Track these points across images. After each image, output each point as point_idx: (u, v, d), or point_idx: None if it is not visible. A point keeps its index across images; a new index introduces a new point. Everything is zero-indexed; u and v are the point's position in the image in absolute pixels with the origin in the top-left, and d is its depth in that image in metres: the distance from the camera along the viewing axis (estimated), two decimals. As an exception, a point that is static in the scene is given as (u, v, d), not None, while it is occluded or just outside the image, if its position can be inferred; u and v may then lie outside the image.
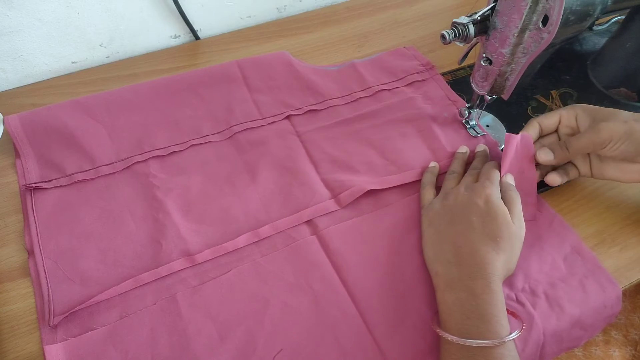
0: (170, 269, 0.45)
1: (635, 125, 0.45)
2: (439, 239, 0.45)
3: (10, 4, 0.58)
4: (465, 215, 0.44)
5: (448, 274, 0.42)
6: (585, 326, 0.44)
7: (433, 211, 0.47)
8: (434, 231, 0.46)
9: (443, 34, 0.47)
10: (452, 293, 0.41)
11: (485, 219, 0.43)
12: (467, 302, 0.39)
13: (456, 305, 0.40)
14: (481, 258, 0.41)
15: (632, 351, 0.95)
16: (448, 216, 0.45)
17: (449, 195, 0.47)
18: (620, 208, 0.52)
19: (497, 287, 0.40)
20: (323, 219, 0.50)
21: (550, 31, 0.42)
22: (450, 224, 0.45)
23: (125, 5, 0.65)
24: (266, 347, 0.41)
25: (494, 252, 0.41)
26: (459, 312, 0.39)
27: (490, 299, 0.39)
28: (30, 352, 0.42)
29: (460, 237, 0.43)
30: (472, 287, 0.40)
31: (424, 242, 0.47)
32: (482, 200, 0.44)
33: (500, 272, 0.41)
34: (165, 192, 0.51)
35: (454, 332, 0.39)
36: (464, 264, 0.41)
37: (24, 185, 0.51)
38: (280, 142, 0.57)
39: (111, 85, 0.64)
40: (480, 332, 0.38)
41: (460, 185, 0.48)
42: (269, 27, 0.74)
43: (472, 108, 0.57)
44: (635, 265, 0.48)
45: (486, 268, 0.40)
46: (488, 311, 0.38)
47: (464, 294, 0.40)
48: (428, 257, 0.45)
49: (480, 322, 0.38)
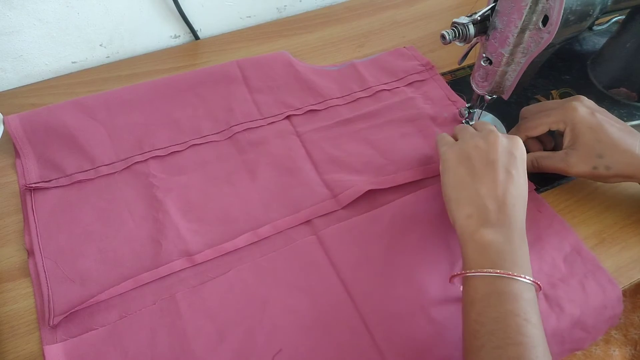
0: (170, 269, 0.45)
1: (606, 166, 0.47)
2: (474, 181, 0.43)
3: (10, 4, 0.58)
4: (505, 166, 0.43)
5: (485, 215, 0.41)
6: (586, 327, 0.44)
7: (464, 150, 0.45)
8: (466, 172, 0.43)
9: (443, 34, 0.47)
10: (488, 232, 0.40)
11: (520, 173, 0.43)
12: (504, 246, 0.39)
13: (493, 246, 0.39)
14: (518, 212, 0.41)
15: (632, 350, 0.95)
16: (485, 158, 0.43)
17: (480, 137, 0.45)
18: (620, 208, 0.52)
19: (527, 242, 0.41)
20: (323, 219, 0.50)
21: (550, 31, 0.42)
22: (489, 168, 0.43)
23: (125, 5, 0.65)
24: (265, 347, 0.41)
25: (525, 208, 0.42)
26: (495, 254, 0.39)
27: (525, 250, 0.40)
28: (30, 352, 0.42)
29: (500, 185, 0.42)
30: (509, 235, 0.40)
31: (450, 180, 0.44)
32: (519, 153, 0.44)
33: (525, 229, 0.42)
34: (165, 192, 0.51)
35: (485, 287, 0.38)
36: (503, 212, 0.41)
37: (24, 185, 0.51)
38: (280, 142, 0.57)
39: (111, 85, 0.64)
40: (512, 290, 0.37)
41: (490, 128, 0.46)
42: (269, 27, 0.74)
43: (472, 108, 0.58)
44: (635, 265, 0.48)
45: (520, 221, 0.41)
46: (521, 260, 0.39)
47: (502, 238, 0.40)
48: (457, 198, 0.43)
49: (514, 267, 0.38)
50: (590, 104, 0.49)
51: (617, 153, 0.46)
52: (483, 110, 0.59)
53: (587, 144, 0.47)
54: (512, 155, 0.44)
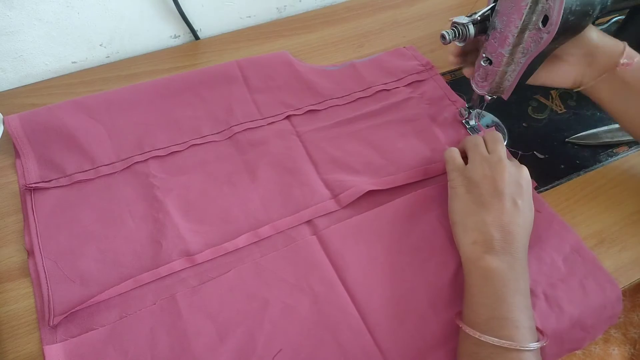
0: (170, 269, 0.45)
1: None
2: (481, 209, 0.44)
3: (10, 4, 0.58)
4: (512, 196, 0.44)
5: (489, 243, 0.42)
6: (586, 327, 0.44)
7: (473, 179, 0.46)
8: (474, 200, 0.45)
9: (443, 34, 0.47)
10: (493, 260, 0.41)
11: (525, 203, 0.44)
12: (507, 273, 0.40)
13: (497, 274, 0.40)
14: (522, 241, 0.43)
15: (632, 350, 0.95)
16: (493, 188, 0.44)
17: (493, 166, 0.46)
18: (620, 208, 0.52)
19: (528, 270, 0.43)
20: (323, 219, 0.50)
21: (550, 31, 0.42)
22: (497, 198, 0.44)
23: (125, 5, 0.65)
24: (266, 347, 0.41)
25: (527, 238, 0.44)
26: (498, 281, 0.40)
27: (527, 278, 0.42)
28: (30, 352, 0.42)
29: (505, 215, 0.43)
30: (512, 263, 0.41)
31: (458, 207, 0.46)
32: (525, 182, 0.46)
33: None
34: (165, 192, 0.51)
35: (487, 312, 0.39)
36: (506, 241, 0.42)
37: (24, 186, 0.51)
38: (280, 142, 0.57)
39: (111, 85, 0.64)
40: (514, 317, 0.38)
41: (501, 156, 0.47)
42: (269, 27, 0.74)
43: (472, 108, 0.58)
44: (635, 265, 0.48)
45: (523, 250, 0.43)
46: (523, 287, 0.40)
47: (505, 265, 0.41)
48: (464, 224, 0.45)
49: (516, 294, 0.39)
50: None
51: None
52: (483, 110, 0.59)
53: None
54: (519, 185, 0.45)
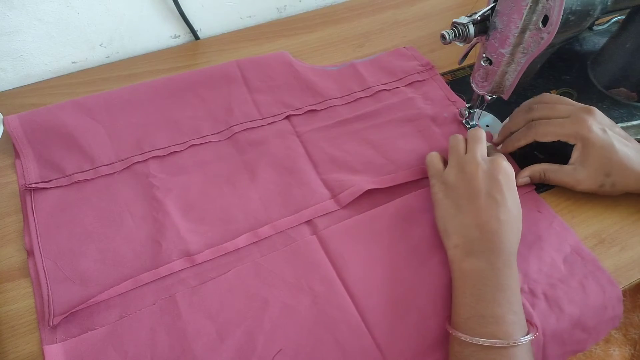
0: (170, 269, 0.45)
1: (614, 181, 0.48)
2: (459, 212, 0.45)
3: (10, 4, 0.58)
4: (488, 192, 0.44)
5: (469, 244, 0.42)
6: (587, 328, 0.44)
7: (449, 183, 0.47)
8: (451, 204, 0.45)
9: (443, 34, 0.47)
10: (471, 261, 0.41)
11: (505, 196, 0.44)
12: (486, 272, 0.40)
13: (475, 273, 0.41)
14: (505, 236, 0.42)
15: (632, 350, 0.95)
16: (467, 189, 0.45)
17: (465, 166, 0.46)
18: (620, 208, 0.52)
19: (515, 264, 0.42)
20: (323, 219, 0.50)
21: (550, 31, 0.42)
22: (471, 198, 0.44)
23: (125, 5, 0.65)
24: (266, 347, 0.41)
25: (516, 230, 0.43)
26: (476, 280, 0.40)
27: (510, 273, 0.41)
28: (30, 352, 0.42)
29: (483, 213, 0.43)
30: (493, 261, 0.41)
31: (439, 213, 0.46)
32: (503, 175, 0.45)
33: (516, 249, 0.43)
34: (164, 192, 0.51)
35: (466, 312, 0.39)
36: (486, 239, 0.42)
37: (24, 186, 0.51)
38: (280, 142, 0.57)
39: (111, 85, 0.64)
40: (494, 313, 0.38)
41: (474, 154, 0.47)
42: (269, 27, 0.74)
43: (472, 108, 0.58)
44: (635, 265, 0.48)
45: (507, 245, 0.42)
46: (504, 283, 0.40)
47: (484, 264, 0.41)
48: (445, 229, 0.45)
49: (496, 291, 0.39)
50: (602, 119, 0.49)
51: (625, 172, 0.47)
52: (483, 110, 0.59)
53: (596, 163, 0.48)
54: (494, 180, 0.44)
